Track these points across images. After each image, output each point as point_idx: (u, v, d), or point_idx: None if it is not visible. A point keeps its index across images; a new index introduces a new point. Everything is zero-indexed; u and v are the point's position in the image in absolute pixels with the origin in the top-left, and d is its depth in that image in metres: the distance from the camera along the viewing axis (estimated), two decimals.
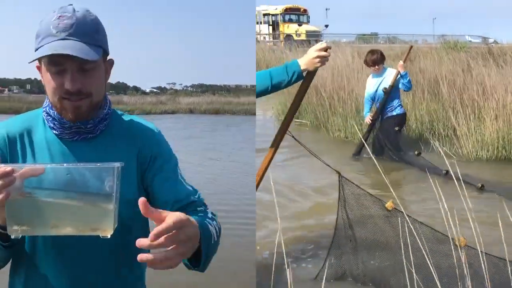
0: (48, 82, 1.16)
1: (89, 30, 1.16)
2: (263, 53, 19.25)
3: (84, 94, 1.17)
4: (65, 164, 1.06)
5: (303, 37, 24.13)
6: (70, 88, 1.14)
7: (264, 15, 28.30)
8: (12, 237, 1.00)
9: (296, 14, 28.06)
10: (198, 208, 1.24)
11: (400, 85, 5.66)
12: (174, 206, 1.20)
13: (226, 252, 4.55)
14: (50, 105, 1.22)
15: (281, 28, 27.45)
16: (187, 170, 7.46)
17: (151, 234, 0.84)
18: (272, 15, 28.00)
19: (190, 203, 1.24)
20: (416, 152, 5.49)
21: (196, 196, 1.27)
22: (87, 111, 1.19)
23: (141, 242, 0.84)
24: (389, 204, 2.73)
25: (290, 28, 27.16)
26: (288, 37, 25.66)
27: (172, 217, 0.87)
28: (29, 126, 1.25)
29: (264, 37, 26.95)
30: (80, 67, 1.14)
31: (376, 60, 5.63)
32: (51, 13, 1.17)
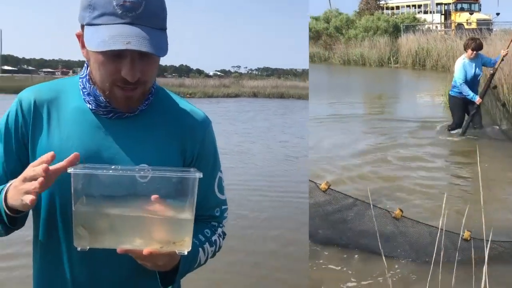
0: (100, 63, 1.06)
1: (157, 10, 1.05)
2: (434, 42, 19.92)
3: (140, 83, 1.08)
4: (137, 169, 0.99)
5: (474, 25, 24.38)
6: (130, 79, 1.05)
7: (437, 4, 29.28)
8: (79, 249, 0.97)
9: (468, 2, 28.53)
10: (212, 222, 1.27)
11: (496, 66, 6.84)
12: (196, 211, 1.11)
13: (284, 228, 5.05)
14: (87, 77, 1.15)
15: (452, 17, 28.05)
16: (251, 152, 7.97)
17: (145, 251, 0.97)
18: (445, 4, 28.90)
19: (210, 215, 1.26)
20: None
21: (220, 211, 1.29)
22: (139, 100, 1.12)
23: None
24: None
25: (461, 17, 27.34)
26: (459, 26, 26.05)
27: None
28: (62, 93, 1.18)
29: (436, 26, 27.61)
30: (141, 53, 1.04)
31: (480, 46, 6.57)
32: None
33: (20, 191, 0.99)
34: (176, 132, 1.19)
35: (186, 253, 0.99)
